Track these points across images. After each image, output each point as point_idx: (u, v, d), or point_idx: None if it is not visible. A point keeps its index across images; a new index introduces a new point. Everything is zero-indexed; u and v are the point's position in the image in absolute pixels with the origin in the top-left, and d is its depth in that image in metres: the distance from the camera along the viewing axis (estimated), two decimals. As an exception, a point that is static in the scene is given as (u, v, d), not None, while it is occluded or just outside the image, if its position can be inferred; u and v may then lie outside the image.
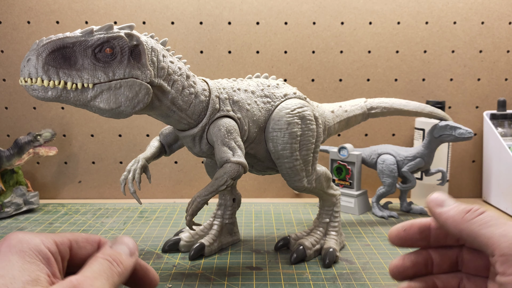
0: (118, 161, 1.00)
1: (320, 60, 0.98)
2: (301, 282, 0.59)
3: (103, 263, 0.29)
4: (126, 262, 0.31)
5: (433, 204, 0.32)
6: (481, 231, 0.29)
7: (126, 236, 0.33)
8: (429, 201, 0.32)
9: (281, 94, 0.64)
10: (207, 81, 0.61)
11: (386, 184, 0.86)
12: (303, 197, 1.02)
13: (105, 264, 0.30)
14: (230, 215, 0.72)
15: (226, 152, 0.57)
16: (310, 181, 0.65)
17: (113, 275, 0.29)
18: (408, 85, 0.99)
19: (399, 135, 1.01)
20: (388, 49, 0.97)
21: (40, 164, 1.00)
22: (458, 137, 0.80)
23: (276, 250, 0.70)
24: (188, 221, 0.57)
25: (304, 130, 0.62)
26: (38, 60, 0.47)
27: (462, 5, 0.96)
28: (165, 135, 0.68)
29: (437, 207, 0.32)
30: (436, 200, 0.32)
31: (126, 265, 0.31)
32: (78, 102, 0.50)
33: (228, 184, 0.56)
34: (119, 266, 0.30)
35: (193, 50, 0.97)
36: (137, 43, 0.51)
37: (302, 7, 0.95)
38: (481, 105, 0.99)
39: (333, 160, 0.92)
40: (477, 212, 0.31)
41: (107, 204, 0.95)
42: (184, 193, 1.02)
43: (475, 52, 0.98)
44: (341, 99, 0.98)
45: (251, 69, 0.97)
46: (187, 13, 0.95)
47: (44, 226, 0.81)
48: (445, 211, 0.32)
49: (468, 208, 0.31)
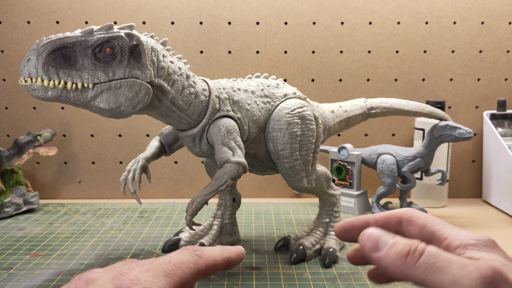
0: (118, 161, 1.00)
1: (320, 60, 0.98)
2: (301, 282, 0.59)
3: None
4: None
5: (368, 249, 0.28)
6: (427, 279, 0.26)
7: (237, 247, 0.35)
8: (362, 244, 0.29)
9: (281, 94, 0.64)
10: (207, 81, 0.61)
11: (386, 184, 0.86)
12: (303, 197, 1.02)
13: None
14: (230, 215, 0.72)
15: (226, 152, 0.57)
16: (310, 181, 0.65)
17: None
18: (408, 85, 0.99)
19: (399, 135, 1.01)
20: (388, 49, 0.97)
21: (40, 164, 1.00)
22: (458, 137, 0.80)
23: (276, 250, 0.70)
24: (188, 221, 0.57)
25: (304, 130, 0.62)
26: (38, 60, 0.47)
27: (462, 5, 0.96)
28: (165, 135, 0.68)
29: (373, 252, 0.28)
30: (369, 242, 0.28)
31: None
32: (78, 102, 0.50)
33: (228, 184, 0.56)
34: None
35: (193, 50, 0.97)
36: (137, 43, 0.51)
37: (302, 7, 0.95)
38: (481, 105, 0.99)
39: (333, 160, 0.92)
40: (417, 255, 0.26)
41: (107, 204, 0.95)
42: (184, 193, 1.02)
43: (475, 52, 0.98)
44: (341, 99, 0.98)
45: (251, 69, 0.97)
46: (187, 13, 0.95)
47: (44, 226, 0.81)
48: (383, 256, 0.28)
49: (407, 249, 0.27)
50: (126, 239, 0.75)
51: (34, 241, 0.74)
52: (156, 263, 0.30)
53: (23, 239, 0.75)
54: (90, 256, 0.67)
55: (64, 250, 0.70)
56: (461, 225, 0.82)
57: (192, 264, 0.31)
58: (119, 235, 0.76)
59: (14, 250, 0.70)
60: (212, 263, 0.32)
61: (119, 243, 0.73)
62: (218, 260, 0.33)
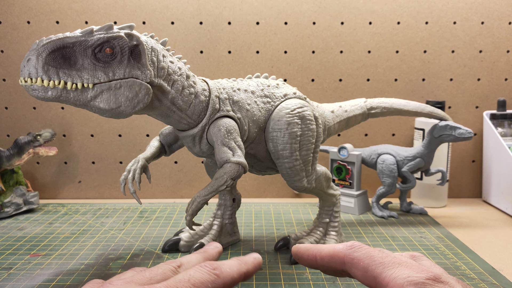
0: (118, 161, 1.00)
1: (320, 60, 0.98)
2: (301, 282, 0.59)
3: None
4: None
5: (301, 255, 0.32)
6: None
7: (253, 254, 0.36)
8: (294, 254, 0.32)
9: (281, 94, 0.64)
10: (207, 81, 0.61)
11: (386, 184, 0.86)
12: (303, 197, 1.02)
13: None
14: (230, 215, 0.72)
15: (226, 152, 0.57)
16: (310, 181, 0.65)
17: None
18: (408, 85, 0.99)
19: (399, 135, 1.01)
20: (388, 49, 0.97)
21: (40, 164, 1.00)
22: (458, 137, 0.80)
23: (276, 250, 0.70)
24: (188, 221, 0.57)
25: (304, 130, 0.62)
26: (38, 60, 0.47)
27: (462, 5, 0.96)
28: (165, 135, 0.68)
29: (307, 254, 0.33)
30: (298, 250, 0.32)
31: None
32: (78, 102, 0.50)
33: (228, 184, 0.56)
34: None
35: (193, 50, 0.97)
36: (137, 43, 0.51)
37: (302, 7, 0.95)
38: (481, 105, 0.99)
39: (333, 160, 0.92)
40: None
41: (107, 204, 0.95)
42: (184, 193, 1.02)
43: (475, 52, 0.98)
44: (341, 99, 0.98)
45: (251, 69, 0.97)
46: (187, 13, 0.95)
47: (44, 226, 0.81)
48: (318, 253, 0.32)
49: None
50: (126, 239, 0.75)
51: (34, 241, 0.74)
52: (175, 280, 0.29)
53: (23, 239, 0.75)
54: (90, 256, 0.67)
55: (64, 250, 0.70)
56: (461, 225, 0.82)
57: (210, 284, 0.31)
58: (119, 235, 0.76)
59: (14, 250, 0.70)
60: (230, 281, 0.32)
61: (119, 243, 0.73)
62: (235, 277, 0.33)
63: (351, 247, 0.32)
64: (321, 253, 0.33)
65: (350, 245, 0.32)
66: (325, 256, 0.33)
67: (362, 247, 0.32)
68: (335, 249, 0.33)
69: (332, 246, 0.33)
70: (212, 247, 0.38)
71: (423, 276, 0.28)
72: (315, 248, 0.34)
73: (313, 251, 0.34)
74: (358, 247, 0.32)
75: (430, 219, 0.85)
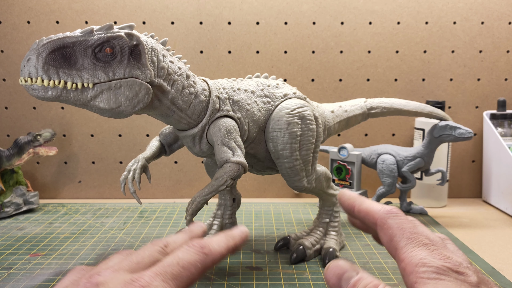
0: (118, 161, 1.00)
1: (320, 60, 0.98)
2: (301, 282, 0.59)
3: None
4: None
5: (331, 285, 0.30)
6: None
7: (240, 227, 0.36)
8: (326, 279, 0.30)
9: (281, 94, 0.64)
10: (207, 81, 0.61)
11: (386, 184, 0.86)
12: (303, 197, 1.02)
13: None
14: (230, 215, 0.72)
15: (226, 152, 0.57)
16: (310, 181, 0.65)
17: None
18: (408, 85, 0.99)
19: (399, 135, 1.01)
20: (388, 49, 0.97)
21: (40, 164, 1.00)
22: (458, 137, 0.80)
23: (276, 250, 0.70)
24: (188, 221, 0.57)
25: (304, 130, 0.62)
26: (38, 60, 0.47)
27: (462, 5, 0.96)
28: (165, 135, 0.68)
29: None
30: (332, 278, 0.29)
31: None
32: (78, 102, 0.50)
33: (228, 184, 0.56)
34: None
35: (193, 50, 0.97)
36: (137, 43, 0.51)
37: (302, 7, 0.96)
38: (481, 105, 0.99)
39: (333, 160, 0.92)
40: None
41: (107, 204, 0.95)
42: (184, 193, 1.02)
43: (475, 52, 0.98)
44: (341, 99, 0.98)
45: (251, 69, 0.97)
46: (187, 13, 0.95)
47: (44, 226, 0.81)
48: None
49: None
50: (126, 239, 0.75)
51: (34, 241, 0.74)
52: (164, 265, 0.29)
53: (23, 239, 0.75)
54: (90, 256, 0.67)
55: (64, 250, 0.70)
56: (461, 225, 0.82)
57: (200, 263, 0.31)
58: (119, 235, 0.76)
59: (14, 250, 0.70)
60: (219, 258, 0.32)
61: (119, 243, 0.73)
62: (224, 253, 0.33)
63: (388, 212, 0.32)
64: (360, 206, 0.34)
65: (388, 210, 0.32)
66: (362, 211, 0.34)
67: (398, 216, 0.32)
68: (373, 208, 0.33)
69: (372, 204, 0.34)
70: (197, 226, 0.38)
71: (440, 262, 0.28)
72: (357, 199, 0.35)
73: (354, 200, 0.35)
74: (394, 214, 0.31)
75: (430, 219, 0.85)
